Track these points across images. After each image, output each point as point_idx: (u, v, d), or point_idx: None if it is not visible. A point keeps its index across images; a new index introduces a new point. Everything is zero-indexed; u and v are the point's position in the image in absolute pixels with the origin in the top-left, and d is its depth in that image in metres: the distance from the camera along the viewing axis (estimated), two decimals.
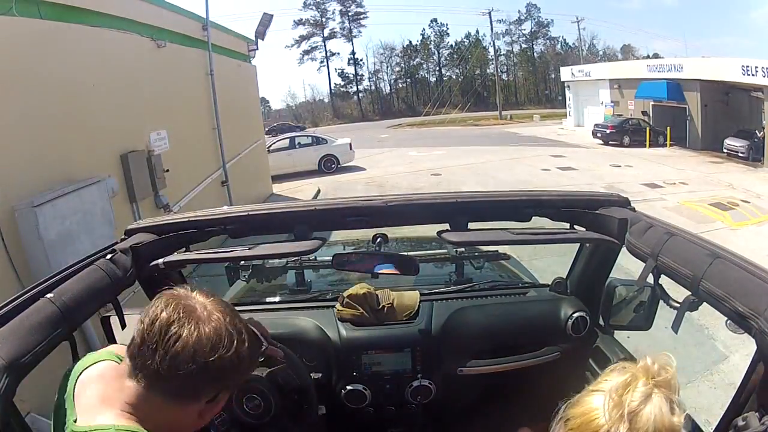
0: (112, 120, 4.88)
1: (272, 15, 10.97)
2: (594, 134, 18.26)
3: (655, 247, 1.14)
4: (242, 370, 0.82)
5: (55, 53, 4.15)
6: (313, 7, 39.50)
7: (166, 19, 6.75)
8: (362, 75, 41.58)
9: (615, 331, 1.72)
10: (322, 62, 40.96)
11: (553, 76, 37.55)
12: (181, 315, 0.75)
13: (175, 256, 1.33)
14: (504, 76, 40.47)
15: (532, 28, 40.44)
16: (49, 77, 4.00)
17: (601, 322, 1.70)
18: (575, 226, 1.44)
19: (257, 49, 11.39)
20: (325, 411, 1.55)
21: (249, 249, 1.31)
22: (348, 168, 14.63)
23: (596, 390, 0.74)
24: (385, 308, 1.72)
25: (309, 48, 40.43)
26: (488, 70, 40.43)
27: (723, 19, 41.55)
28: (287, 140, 15.40)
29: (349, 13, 39.91)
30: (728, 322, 0.95)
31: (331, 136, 15.82)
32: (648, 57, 30.90)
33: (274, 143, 14.86)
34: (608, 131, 17.58)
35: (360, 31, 40.43)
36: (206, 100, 8.09)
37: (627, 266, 1.79)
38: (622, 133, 17.33)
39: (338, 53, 41.11)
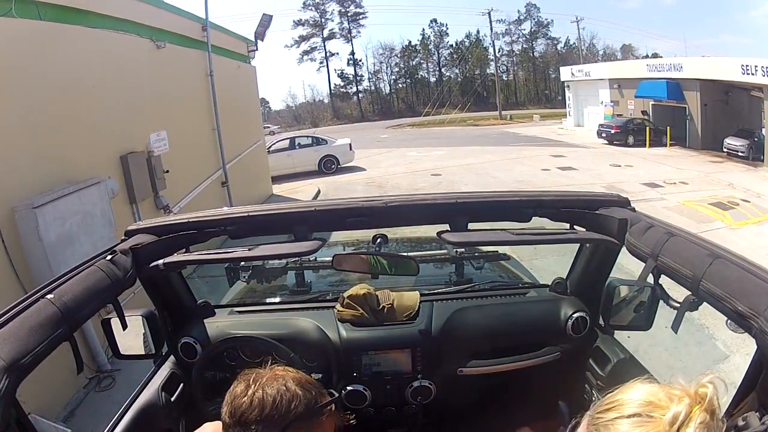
0: (111, 121, 4.88)
1: (272, 16, 10.99)
2: (599, 134, 18.36)
3: (655, 247, 1.14)
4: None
5: (55, 54, 4.14)
6: (313, 8, 39.54)
7: (166, 20, 6.75)
8: (362, 75, 41.61)
9: (615, 331, 1.72)
10: (321, 63, 41.01)
11: (552, 75, 37.54)
12: None
13: (175, 257, 1.33)
14: (504, 76, 40.48)
15: (531, 27, 40.49)
16: (48, 78, 4.00)
17: (601, 322, 1.69)
18: (575, 227, 1.44)
19: (257, 49, 11.39)
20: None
21: (249, 250, 1.31)
22: (348, 168, 14.62)
23: (634, 415, 0.65)
24: (385, 309, 1.72)
25: (308, 48, 40.47)
26: (488, 70, 40.46)
27: (722, 18, 41.66)
28: (287, 141, 15.41)
29: (348, 14, 39.93)
30: (729, 321, 0.95)
31: (331, 137, 15.80)
32: (647, 56, 30.90)
33: (273, 144, 14.86)
34: (613, 131, 17.71)
35: (359, 32, 40.48)
36: (206, 101, 8.08)
37: (627, 266, 1.79)
38: (626, 133, 17.45)
39: (338, 53, 41.17)
